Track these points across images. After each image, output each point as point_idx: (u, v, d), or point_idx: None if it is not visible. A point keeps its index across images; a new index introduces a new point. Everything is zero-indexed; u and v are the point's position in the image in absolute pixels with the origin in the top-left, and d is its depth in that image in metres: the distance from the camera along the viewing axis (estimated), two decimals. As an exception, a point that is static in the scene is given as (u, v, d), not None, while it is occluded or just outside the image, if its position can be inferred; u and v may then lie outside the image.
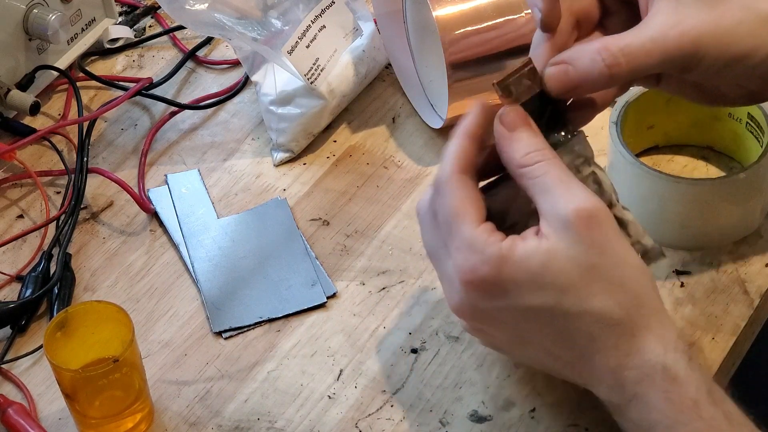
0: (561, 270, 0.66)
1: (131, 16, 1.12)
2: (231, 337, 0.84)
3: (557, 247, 0.66)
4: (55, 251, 0.90)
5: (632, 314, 0.67)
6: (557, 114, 0.72)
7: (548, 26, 0.72)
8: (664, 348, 0.67)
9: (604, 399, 0.70)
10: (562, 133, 0.72)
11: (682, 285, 0.85)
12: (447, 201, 0.70)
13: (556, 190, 0.68)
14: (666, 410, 0.66)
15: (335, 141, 0.98)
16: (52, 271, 0.88)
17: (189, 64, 1.07)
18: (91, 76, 1.04)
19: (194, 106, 1.02)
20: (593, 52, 0.69)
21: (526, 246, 0.67)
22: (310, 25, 0.94)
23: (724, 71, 0.71)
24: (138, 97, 1.02)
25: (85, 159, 0.95)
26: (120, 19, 1.10)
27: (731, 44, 0.69)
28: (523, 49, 0.88)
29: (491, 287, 0.68)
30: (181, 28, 1.09)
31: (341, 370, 0.82)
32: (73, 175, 0.95)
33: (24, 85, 0.99)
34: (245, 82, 1.04)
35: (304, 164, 0.97)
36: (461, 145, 0.71)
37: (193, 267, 0.88)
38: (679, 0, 0.70)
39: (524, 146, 0.69)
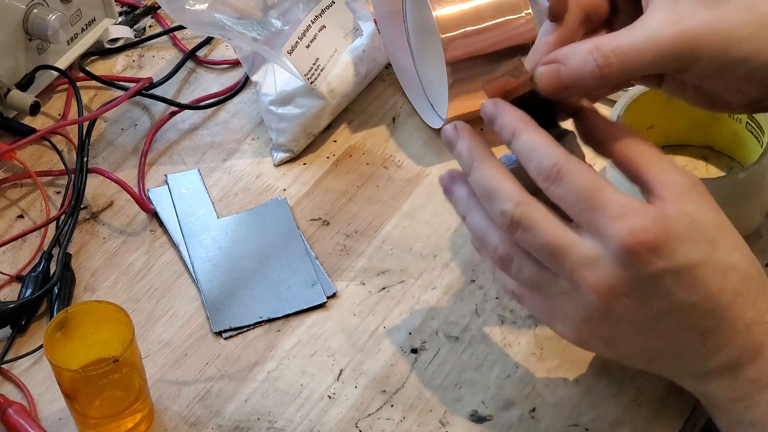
0: (705, 226, 0.66)
1: (131, 16, 1.12)
2: (231, 337, 0.84)
3: (693, 208, 0.66)
4: (55, 251, 0.90)
5: (759, 270, 0.68)
6: (547, 115, 0.72)
7: (556, 15, 0.71)
8: None
9: (714, 368, 0.69)
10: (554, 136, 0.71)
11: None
12: (577, 181, 0.67)
13: (664, 161, 0.68)
14: None
15: (335, 141, 0.98)
16: (52, 271, 0.88)
17: (189, 64, 1.07)
18: (91, 76, 1.04)
19: (194, 106, 1.02)
20: (585, 52, 0.68)
21: (673, 206, 0.66)
22: (310, 25, 0.95)
23: (723, 74, 0.70)
24: (138, 97, 1.02)
25: (85, 159, 0.95)
26: (120, 19, 1.10)
27: (730, 46, 0.68)
28: (524, 49, 0.89)
29: (663, 246, 0.65)
30: (181, 28, 1.09)
31: (341, 370, 0.82)
32: (73, 175, 0.95)
33: (24, 85, 0.99)
34: (245, 82, 1.04)
35: (304, 164, 0.97)
36: (541, 131, 0.69)
37: (193, 267, 0.88)
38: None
39: (620, 126, 0.70)
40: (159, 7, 1.12)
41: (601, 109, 0.97)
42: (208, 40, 1.08)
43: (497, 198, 0.68)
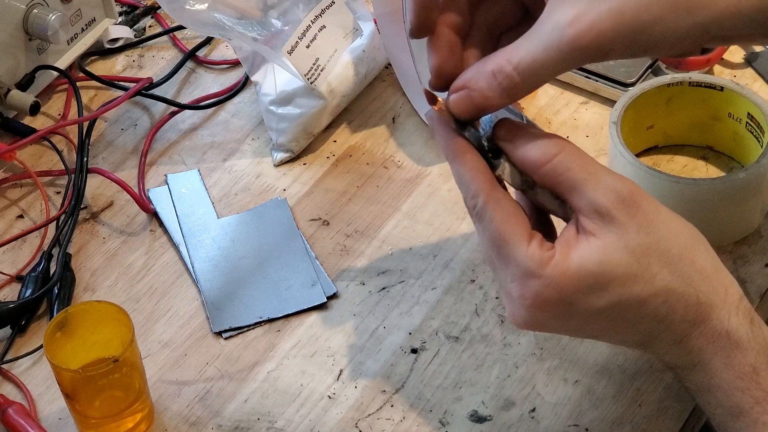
0: (619, 263, 0.65)
1: (131, 16, 1.12)
2: (231, 337, 0.84)
3: (607, 242, 0.65)
4: (55, 251, 0.90)
5: (695, 282, 0.67)
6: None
7: (417, 31, 0.70)
8: (728, 312, 0.67)
9: (670, 364, 0.70)
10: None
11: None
12: (489, 228, 0.68)
13: (586, 184, 0.66)
14: (726, 376, 0.66)
15: (335, 141, 0.98)
16: (52, 271, 0.88)
17: (189, 64, 1.07)
18: (91, 76, 1.04)
19: (194, 106, 1.02)
20: (488, 75, 0.67)
21: (579, 252, 0.66)
22: (310, 25, 0.94)
23: (639, 54, 0.67)
24: (138, 97, 1.02)
25: (85, 159, 0.95)
26: (120, 19, 1.09)
27: (639, 33, 0.64)
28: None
29: (558, 306, 0.66)
30: (181, 28, 1.09)
31: (341, 370, 0.82)
32: (73, 175, 0.95)
33: (24, 85, 0.99)
34: (245, 82, 1.04)
35: (304, 164, 0.97)
36: (470, 162, 0.69)
37: (193, 267, 0.88)
38: None
39: (539, 145, 0.67)
40: (159, 7, 1.12)
41: (601, 109, 0.97)
42: (208, 40, 1.08)
43: (465, 190, 0.69)
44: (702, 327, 0.67)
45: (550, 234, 0.71)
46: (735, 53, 1.00)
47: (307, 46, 0.94)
